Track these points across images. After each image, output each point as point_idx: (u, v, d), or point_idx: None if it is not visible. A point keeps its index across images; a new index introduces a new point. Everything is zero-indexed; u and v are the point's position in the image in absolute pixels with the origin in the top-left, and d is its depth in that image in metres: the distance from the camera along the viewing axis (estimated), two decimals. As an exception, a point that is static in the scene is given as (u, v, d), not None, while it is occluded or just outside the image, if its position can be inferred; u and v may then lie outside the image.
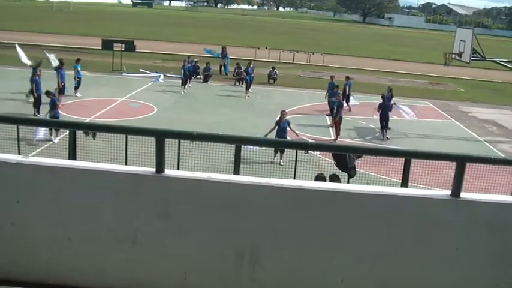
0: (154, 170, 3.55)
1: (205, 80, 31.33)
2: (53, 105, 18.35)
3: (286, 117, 17.67)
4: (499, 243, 3.58)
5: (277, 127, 17.30)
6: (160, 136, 3.57)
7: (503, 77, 38.07)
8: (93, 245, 3.66)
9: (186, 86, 28.38)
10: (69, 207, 3.62)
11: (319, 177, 10.79)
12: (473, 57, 24.30)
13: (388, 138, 21.78)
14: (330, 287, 3.68)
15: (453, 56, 25.52)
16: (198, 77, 31.37)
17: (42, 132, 16.58)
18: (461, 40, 24.97)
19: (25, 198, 3.61)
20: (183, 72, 28.15)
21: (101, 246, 3.66)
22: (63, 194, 3.61)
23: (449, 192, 3.55)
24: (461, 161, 3.54)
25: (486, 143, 22.33)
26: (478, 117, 27.71)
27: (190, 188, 3.55)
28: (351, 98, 26.47)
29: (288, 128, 17.33)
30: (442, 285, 3.64)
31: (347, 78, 27.16)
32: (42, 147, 16.81)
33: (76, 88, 25.12)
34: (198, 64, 31.88)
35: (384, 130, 21.98)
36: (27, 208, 3.63)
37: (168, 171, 3.57)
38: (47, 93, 18.93)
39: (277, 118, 17.67)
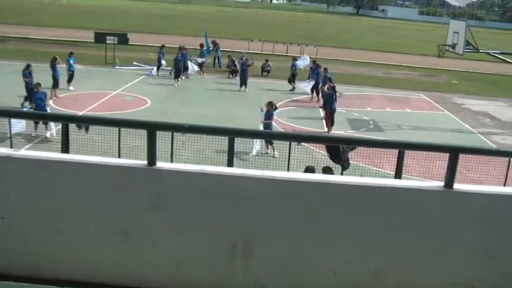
0: (146, 162, 3.53)
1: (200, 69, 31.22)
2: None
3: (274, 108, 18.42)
4: (491, 233, 3.58)
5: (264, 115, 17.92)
6: (152, 128, 3.54)
7: (497, 68, 38.12)
8: (84, 238, 3.64)
9: (179, 79, 28.25)
10: (60, 200, 3.60)
11: (309, 170, 10.75)
12: (466, 49, 24.31)
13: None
14: (323, 279, 3.68)
15: (446, 47, 25.51)
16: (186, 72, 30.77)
17: (19, 124, 16.28)
18: (454, 32, 24.97)
19: (15, 192, 3.58)
20: (172, 63, 28.13)
21: (93, 239, 3.64)
22: (54, 187, 3.58)
23: (442, 183, 3.55)
24: (454, 153, 3.53)
25: (479, 135, 22.39)
26: (472, 109, 27.76)
27: (183, 180, 3.53)
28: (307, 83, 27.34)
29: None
30: (435, 276, 3.64)
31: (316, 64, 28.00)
32: (35, 141, 16.75)
33: (69, 81, 25.00)
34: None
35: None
36: (17, 202, 3.60)
37: (160, 164, 3.55)
38: (37, 85, 18.84)
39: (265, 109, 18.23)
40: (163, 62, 30.50)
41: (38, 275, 3.59)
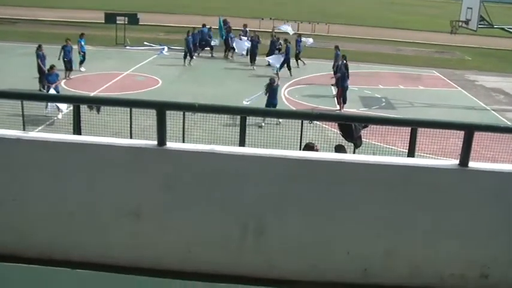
0: (156, 143, 3.50)
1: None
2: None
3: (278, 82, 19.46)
4: (507, 212, 3.53)
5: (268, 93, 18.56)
6: (161, 108, 3.50)
7: (511, 44, 37.60)
8: (96, 219, 3.63)
9: (191, 59, 28.04)
10: (70, 182, 3.58)
11: (308, 147, 10.59)
12: (480, 24, 23.95)
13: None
14: (335, 258, 3.65)
15: (460, 23, 25.18)
16: (206, 48, 30.82)
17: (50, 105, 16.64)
18: (468, 7, 24.60)
19: (26, 174, 3.57)
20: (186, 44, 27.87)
21: (104, 220, 3.63)
22: (64, 169, 3.57)
23: (457, 161, 3.49)
24: (469, 130, 3.46)
25: (493, 112, 22.18)
26: (485, 86, 27.47)
27: (193, 160, 3.50)
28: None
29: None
30: (449, 255, 3.60)
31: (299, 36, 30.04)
32: (47, 123, 16.80)
33: (81, 62, 25.00)
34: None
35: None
36: (28, 184, 3.59)
37: (170, 144, 3.51)
38: (53, 67, 19.02)
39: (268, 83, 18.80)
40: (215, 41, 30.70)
41: (49, 257, 3.59)
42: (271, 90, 18.52)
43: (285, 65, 26.16)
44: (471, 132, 3.45)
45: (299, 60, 28.69)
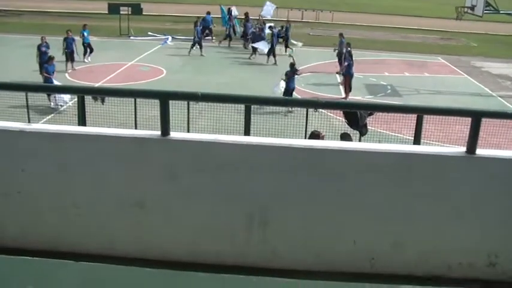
0: (159, 133, 3.47)
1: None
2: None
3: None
4: (515, 200, 3.49)
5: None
6: (164, 98, 3.47)
7: (519, 30, 37.33)
8: (100, 211, 3.62)
9: (201, 48, 27.71)
10: (75, 173, 3.56)
11: (314, 135, 10.50)
12: (486, 10, 23.72)
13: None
14: (342, 248, 3.62)
15: (465, 9, 24.97)
16: (207, 37, 30.82)
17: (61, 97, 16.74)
18: (473, -7, 24.39)
19: (30, 166, 3.56)
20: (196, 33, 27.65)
21: (109, 212, 3.62)
22: (68, 160, 3.55)
23: (464, 148, 3.45)
24: (476, 117, 3.42)
25: (500, 98, 22.01)
26: (491, 72, 27.25)
27: (197, 150, 3.47)
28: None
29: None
30: (456, 244, 3.57)
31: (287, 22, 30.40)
32: (52, 114, 16.80)
33: (85, 54, 24.95)
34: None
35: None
36: (32, 176, 3.57)
37: (174, 134, 3.48)
38: (50, 58, 19.05)
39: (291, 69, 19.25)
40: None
41: (55, 249, 3.58)
42: (292, 72, 19.09)
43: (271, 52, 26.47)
44: (478, 119, 3.40)
45: (287, 48, 28.46)
